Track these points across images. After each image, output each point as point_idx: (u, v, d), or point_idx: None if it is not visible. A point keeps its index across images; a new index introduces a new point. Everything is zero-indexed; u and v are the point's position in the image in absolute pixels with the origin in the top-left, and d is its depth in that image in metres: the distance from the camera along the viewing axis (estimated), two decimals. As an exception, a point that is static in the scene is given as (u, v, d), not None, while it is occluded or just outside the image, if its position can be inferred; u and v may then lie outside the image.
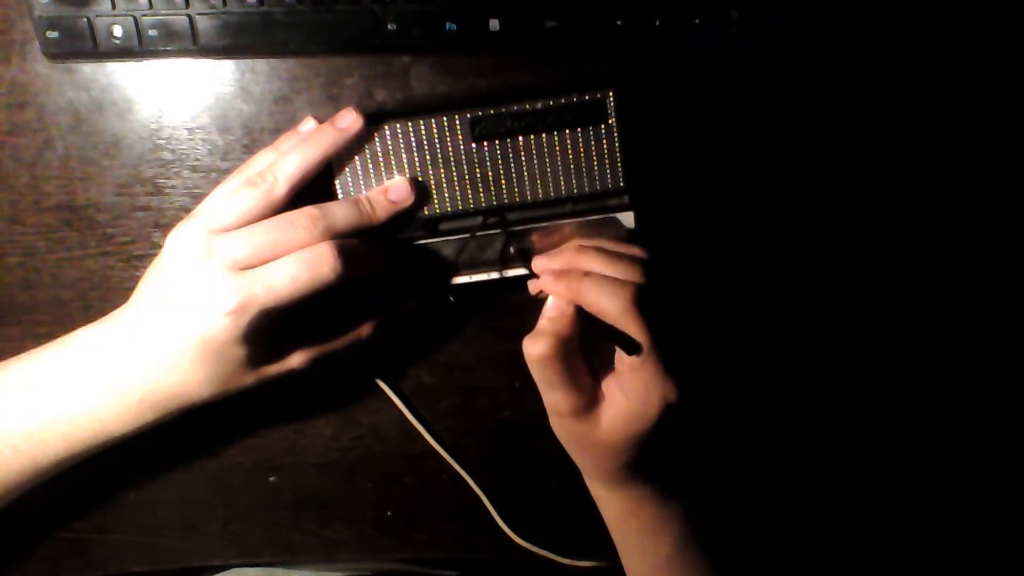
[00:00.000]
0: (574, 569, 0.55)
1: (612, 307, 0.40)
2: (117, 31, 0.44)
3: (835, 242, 0.52)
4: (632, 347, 0.40)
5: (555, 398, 0.42)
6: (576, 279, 0.41)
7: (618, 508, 0.46)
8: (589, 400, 0.42)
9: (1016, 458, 0.55)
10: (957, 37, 0.49)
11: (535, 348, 0.41)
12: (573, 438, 0.44)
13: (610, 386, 0.43)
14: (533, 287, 0.45)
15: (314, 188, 0.43)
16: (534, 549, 0.55)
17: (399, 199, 0.45)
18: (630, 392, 0.41)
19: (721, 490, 0.54)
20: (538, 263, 0.45)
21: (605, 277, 0.41)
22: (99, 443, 0.42)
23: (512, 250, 0.47)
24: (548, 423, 0.45)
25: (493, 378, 0.53)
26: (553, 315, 0.43)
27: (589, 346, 0.43)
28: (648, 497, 0.45)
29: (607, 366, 0.43)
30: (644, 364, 0.40)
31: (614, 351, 0.41)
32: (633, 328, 0.39)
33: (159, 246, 0.48)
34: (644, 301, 0.40)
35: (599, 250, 0.43)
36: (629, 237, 0.46)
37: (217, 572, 0.57)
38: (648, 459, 0.43)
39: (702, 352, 0.50)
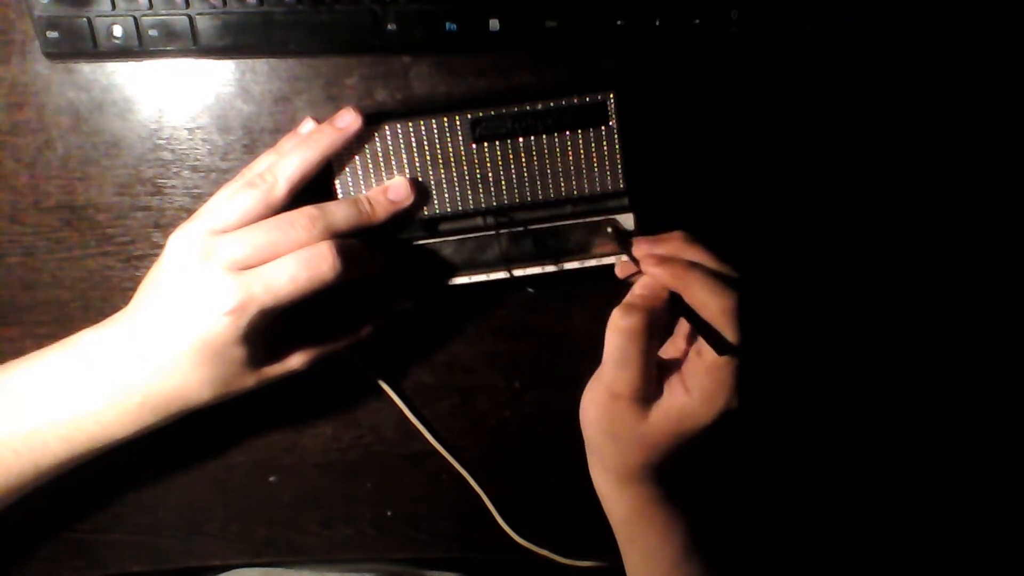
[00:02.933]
0: (574, 569, 0.55)
1: (716, 305, 0.40)
2: (117, 31, 0.44)
3: (835, 242, 0.52)
4: (724, 347, 0.40)
5: (623, 376, 0.42)
6: (683, 268, 0.42)
7: (626, 506, 0.46)
8: (650, 391, 0.42)
9: (1016, 458, 0.55)
10: (957, 35, 0.49)
11: (626, 320, 0.41)
12: (615, 423, 0.43)
13: (672, 382, 0.43)
14: (623, 270, 0.45)
15: (314, 188, 0.43)
16: (534, 549, 0.55)
17: (399, 199, 0.45)
18: (696, 389, 0.41)
19: (729, 492, 0.54)
20: (640, 247, 0.44)
21: (713, 272, 0.41)
22: (100, 446, 0.42)
23: (617, 233, 0.46)
24: (549, 422, 0.45)
25: (493, 378, 0.53)
26: (647, 293, 0.42)
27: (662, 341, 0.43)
28: (657, 498, 0.45)
29: (670, 365, 0.43)
30: (724, 366, 0.40)
31: (683, 351, 0.41)
32: (730, 329, 0.40)
33: (159, 246, 0.48)
34: (744, 306, 0.40)
35: (704, 249, 0.43)
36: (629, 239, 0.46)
37: (217, 572, 0.57)
38: (673, 462, 0.43)
39: (771, 370, 0.50)
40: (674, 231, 0.45)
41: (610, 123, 0.45)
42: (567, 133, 0.45)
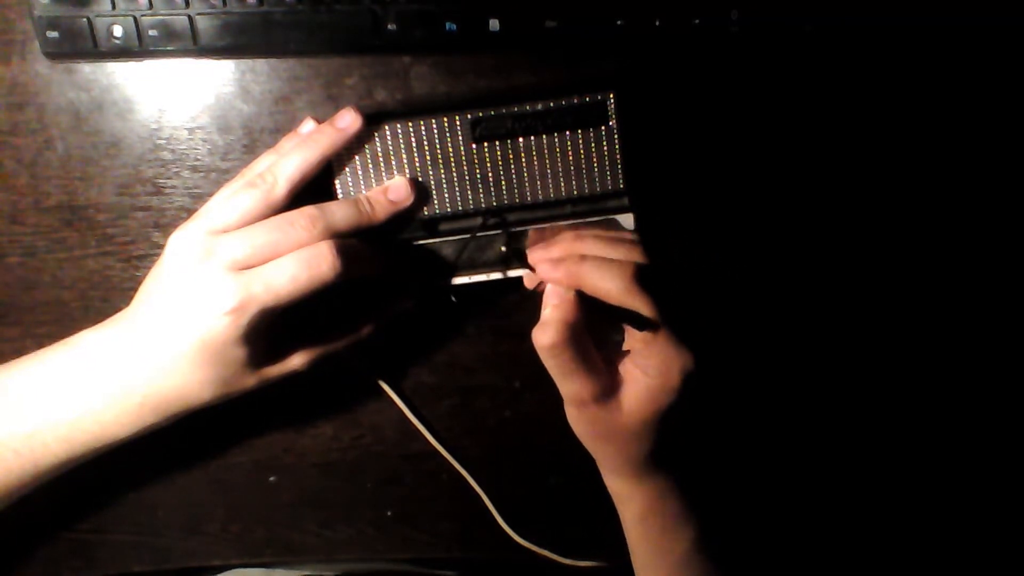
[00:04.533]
0: (574, 569, 0.55)
1: (614, 286, 0.40)
2: (117, 31, 0.44)
3: (836, 242, 0.52)
4: (642, 323, 0.40)
5: (573, 386, 0.41)
6: (574, 263, 0.41)
7: (638, 503, 0.45)
8: (608, 385, 0.42)
9: (1016, 458, 0.55)
10: (957, 35, 0.49)
11: (544, 337, 0.40)
12: (595, 428, 0.43)
13: (627, 367, 0.42)
14: (529, 281, 0.45)
15: (314, 188, 0.43)
16: (534, 549, 0.55)
17: (399, 199, 0.45)
18: (649, 367, 0.41)
19: (737, 488, 0.54)
20: (534, 254, 0.45)
21: (603, 259, 0.41)
22: (100, 446, 0.42)
23: (512, 251, 0.46)
24: (549, 422, 0.45)
25: (493, 378, 0.53)
26: (555, 302, 0.42)
27: (596, 335, 0.43)
28: (669, 491, 0.44)
29: (619, 352, 0.43)
30: (657, 337, 0.40)
31: (622, 339, 0.41)
32: (639, 303, 0.39)
33: (159, 246, 0.48)
34: (645, 276, 0.40)
35: (595, 235, 0.43)
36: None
37: (217, 572, 0.57)
38: (670, 445, 0.43)
39: (714, 325, 0.50)
40: (564, 231, 0.45)
41: (610, 123, 0.45)
42: (567, 133, 0.45)
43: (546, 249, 0.44)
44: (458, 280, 0.47)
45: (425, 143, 0.45)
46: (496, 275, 0.47)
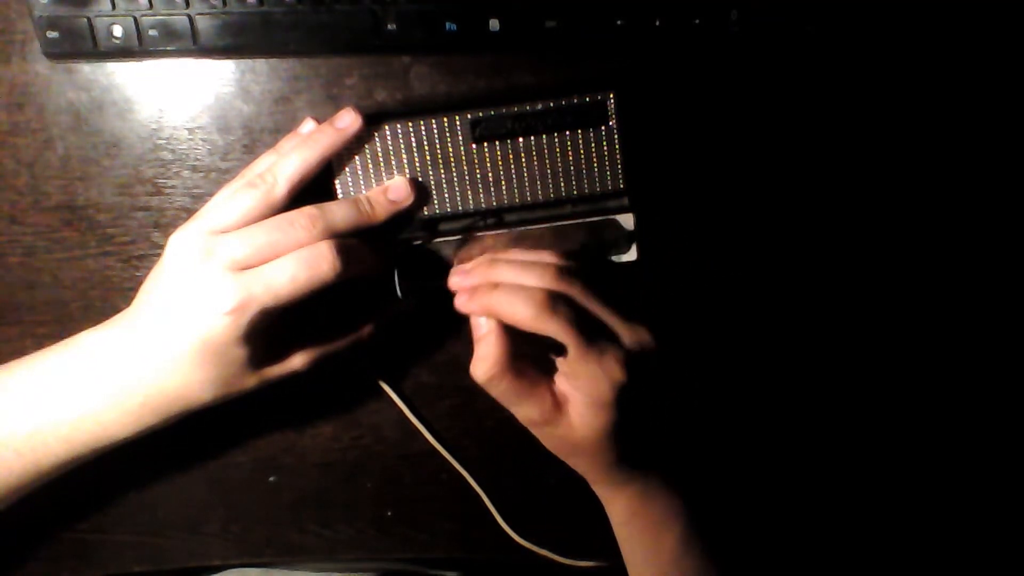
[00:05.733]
0: (574, 569, 0.55)
1: (524, 314, 0.39)
2: (117, 31, 0.44)
3: (836, 242, 0.52)
4: (559, 346, 0.40)
5: (523, 411, 0.42)
6: (486, 293, 0.41)
7: (623, 507, 0.46)
8: (554, 404, 0.42)
9: (1016, 458, 0.55)
10: (957, 35, 0.49)
11: (479, 372, 0.41)
12: (559, 445, 0.44)
13: (565, 386, 0.42)
14: (457, 305, 0.43)
15: (314, 188, 0.43)
16: (534, 549, 0.55)
17: (399, 199, 0.45)
18: (580, 387, 0.41)
19: (724, 487, 0.54)
20: (453, 280, 0.44)
21: (514, 286, 0.41)
22: (101, 446, 0.42)
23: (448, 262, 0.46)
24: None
25: (493, 378, 0.53)
26: (482, 334, 0.42)
27: (535, 352, 0.43)
28: (652, 493, 0.45)
29: (557, 370, 0.43)
30: (578, 359, 0.40)
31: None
32: (551, 330, 0.39)
33: (159, 246, 0.48)
34: (554, 301, 0.39)
35: (508, 261, 0.43)
36: (627, 239, 0.46)
37: (217, 572, 0.58)
38: (634, 450, 0.43)
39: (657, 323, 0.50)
40: (484, 254, 0.45)
41: (610, 123, 0.45)
42: (567, 133, 0.45)
43: (463, 277, 0.43)
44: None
45: (425, 143, 0.45)
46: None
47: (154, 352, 0.41)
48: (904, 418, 0.55)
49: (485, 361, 0.41)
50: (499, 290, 0.41)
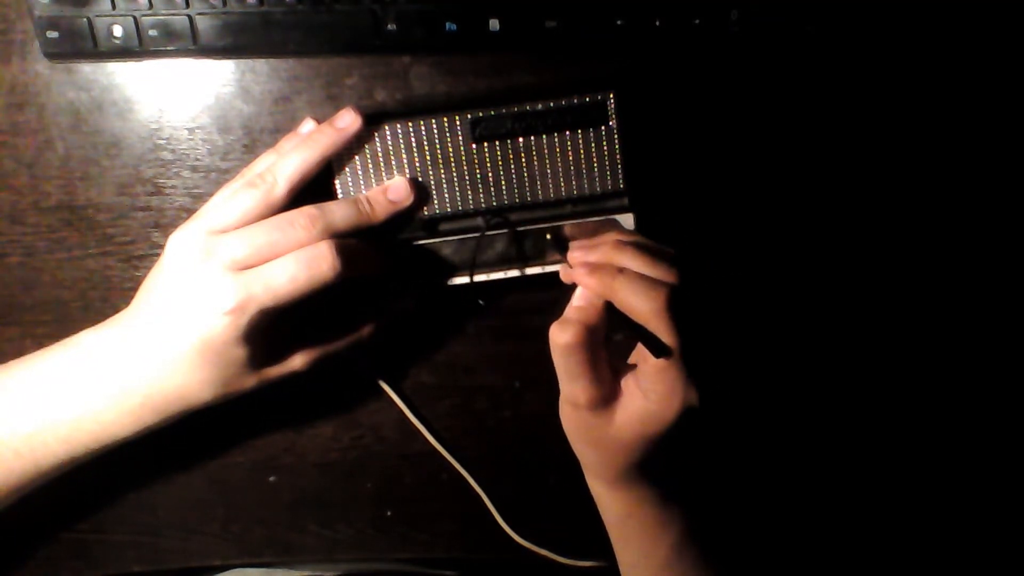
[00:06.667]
0: (574, 569, 0.55)
1: (645, 308, 0.39)
2: (117, 31, 0.44)
3: (836, 243, 0.52)
4: (660, 349, 0.39)
5: (574, 389, 0.41)
6: (610, 275, 0.40)
7: (618, 508, 0.46)
8: (607, 395, 0.41)
9: (1016, 458, 0.55)
10: (957, 35, 0.49)
11: (562, 336, 0.40)
12: (583, 432, 0.43)
13: (629, 384, 0.42)
14: (565, 276, 0.44)
15: (314, 188, 0.43)
16: (534, 549, 0.55)
17: (399, 199, 0.45)
18: (651, 393, 0.40)
19: (720, 492, 0.54)
20: (574, 254, 0.44)
21: (640, 276, 0.40)
22: (100, 446, 0.43)
23: (555, 240, 0.46)
24: (549, 422, 0.45)
25: (493, 378, 0.53)
26: (582, 304, 0.42)
27: (611, 341, 0.43)
28: (648, 498, 0.45)
29: (623, 363, 0.43)
30: (670, 367, 0.39)
31: (634, 348, 0.41)
32: (664, 331, 0.39)
33: (159, 246, 0.48)
34: (677, 304, 0.39)
35: (636, 247, 0.42)
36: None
37: (217, 572, 0.57)
38: (655, 461, 0.43)
39: (729, 361, 0.50)
40: (608, 234, 0.45)
41: (610, 123, 0.45)
42: (567, 133, 0.45)
43: (586, 252, 0.43)
44: (457, 280, 0.47)
45: (425, 143, 0.45)
46: (496, 275, 0.47)
47: (154, 352, 0.41)
48: (904, 419, 0.55)
49: (572, 328, 0.40)
50: (625, 276, 0.40)
